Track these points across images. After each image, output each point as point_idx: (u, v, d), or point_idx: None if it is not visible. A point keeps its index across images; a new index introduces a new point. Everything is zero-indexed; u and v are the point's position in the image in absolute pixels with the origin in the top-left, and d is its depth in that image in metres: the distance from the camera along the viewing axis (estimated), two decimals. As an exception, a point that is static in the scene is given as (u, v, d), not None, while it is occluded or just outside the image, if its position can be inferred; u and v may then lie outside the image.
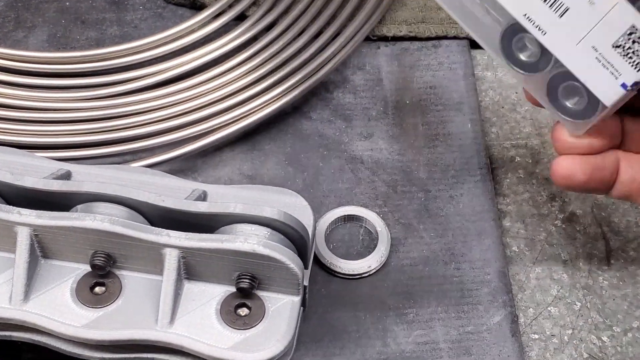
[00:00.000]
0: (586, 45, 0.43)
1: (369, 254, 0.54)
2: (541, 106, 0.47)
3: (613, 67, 0.43)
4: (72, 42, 0.63)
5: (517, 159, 0.59)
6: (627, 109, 0.46)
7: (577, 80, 0.44)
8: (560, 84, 0.45)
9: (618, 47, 0.42)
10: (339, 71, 0.62)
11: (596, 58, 0.43)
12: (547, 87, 0.45)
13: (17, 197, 0.47)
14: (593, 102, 0.44)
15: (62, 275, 0.47)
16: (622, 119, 0.47)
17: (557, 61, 0.44)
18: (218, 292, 0.47)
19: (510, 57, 0.46)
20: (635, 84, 0.43)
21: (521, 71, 0.46)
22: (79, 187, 0.46)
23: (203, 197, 0.49)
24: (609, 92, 0.43)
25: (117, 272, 0.47)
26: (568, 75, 0.44)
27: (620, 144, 0.47)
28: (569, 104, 0.45)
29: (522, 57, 0.45)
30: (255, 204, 0.46)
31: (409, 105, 0.61)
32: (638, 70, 0.42)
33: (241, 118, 0.58)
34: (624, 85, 0.43)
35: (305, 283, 0.48)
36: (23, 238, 0.45)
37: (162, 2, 0.65)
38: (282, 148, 0.59)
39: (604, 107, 0.43)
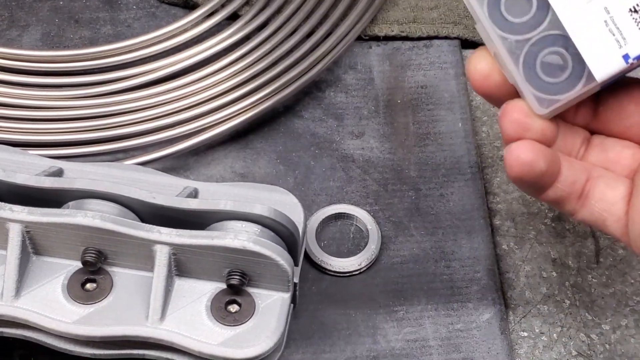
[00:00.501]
0: (598, 5, 0.40)
1: (359, 252, 0.55)
2: (489, 94, 0.43)
3: (621, 34, 0.39)
4: (66, 41, 0.63)
5: (508, 158, 0.59)
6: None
7: (569, 46, 0.40)
8: (542, 51, 0.41)
9: (635, 12, 0.39)
10: (331, 70, 0.62)
11: (604, 21, 0.40)
12: (525, 54, 0.41)
13: (9, 194, 0.47)
14: (577, 73, 0.40)
15: (53, 271, 0.47)
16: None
17: (552, 22, 0.40)
18: (208, 288, 0.47)
19: (494, 14, 0.41)
20: (638, 57, 0.40)
21: (502, 32, 0.41)
22: (70, 184, 0.46)
23: (194, 194, 0.49)
24: (606, 63, 0.40)
25: (108, 268, 0.47)
26: (558, 40, 0.40)
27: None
28: (545, 75, 0.41)
29: (508, 15, 0.41)
30: (246, 201, 0.47)
31: (400, 105, 0.61)
32: None
33: (233, 116, 0.58)
34: (625, 57, 0.40)
35: (296, 280, 0.48)
36: (15, 234, 0.45)
37: (156, 1, 0.65)
38: (273, 146, 0.59)
39: (590, 80, 0.40)
